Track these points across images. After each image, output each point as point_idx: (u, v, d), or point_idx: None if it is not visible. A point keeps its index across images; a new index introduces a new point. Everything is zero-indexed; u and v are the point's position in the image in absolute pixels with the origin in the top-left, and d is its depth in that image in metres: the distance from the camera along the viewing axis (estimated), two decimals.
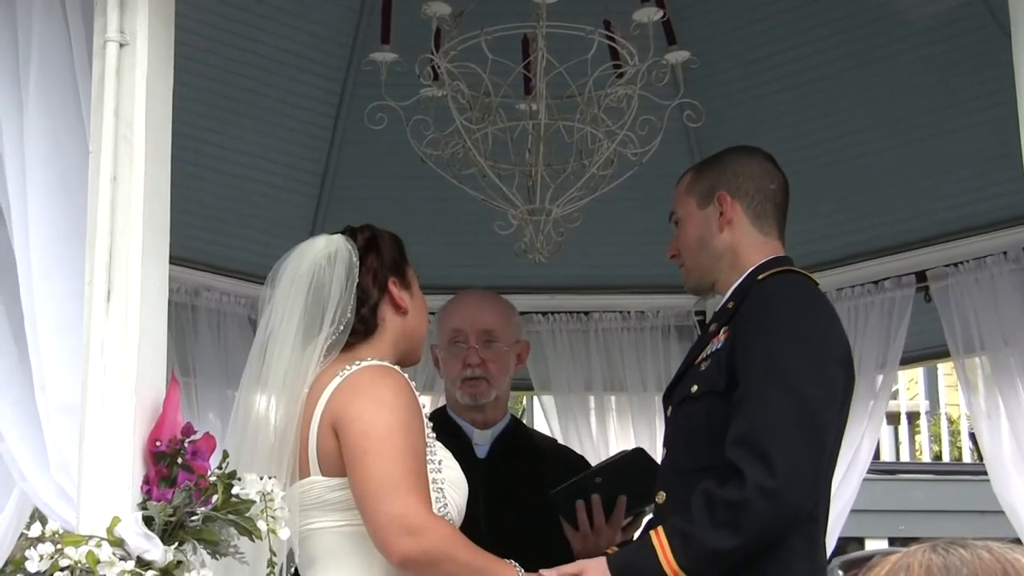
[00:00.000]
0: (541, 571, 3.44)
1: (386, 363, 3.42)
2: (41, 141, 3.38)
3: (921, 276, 5.97)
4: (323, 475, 3.32)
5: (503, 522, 4.12)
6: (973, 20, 5.42)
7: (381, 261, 3.56)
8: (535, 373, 6.32)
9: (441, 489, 3.35)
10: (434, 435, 3.43)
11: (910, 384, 15.70)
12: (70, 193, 3.33)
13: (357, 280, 3.49)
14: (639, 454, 4.26)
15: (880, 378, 6.05)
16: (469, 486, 3.49)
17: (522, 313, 6.05)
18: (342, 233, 3.59)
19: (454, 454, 3.53)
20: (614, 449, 6.32)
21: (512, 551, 3.59)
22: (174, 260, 3.36)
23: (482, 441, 4.56)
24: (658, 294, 6.35)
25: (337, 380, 3.35)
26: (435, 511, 3.27)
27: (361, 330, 3.48)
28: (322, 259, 3.49)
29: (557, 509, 4.18)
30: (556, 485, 4.28)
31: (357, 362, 3.40)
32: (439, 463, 3.39)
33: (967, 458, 14.79)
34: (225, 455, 3.06)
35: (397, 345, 3.55)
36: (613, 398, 6.41)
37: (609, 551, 3.72)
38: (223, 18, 5.49)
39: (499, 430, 4.60)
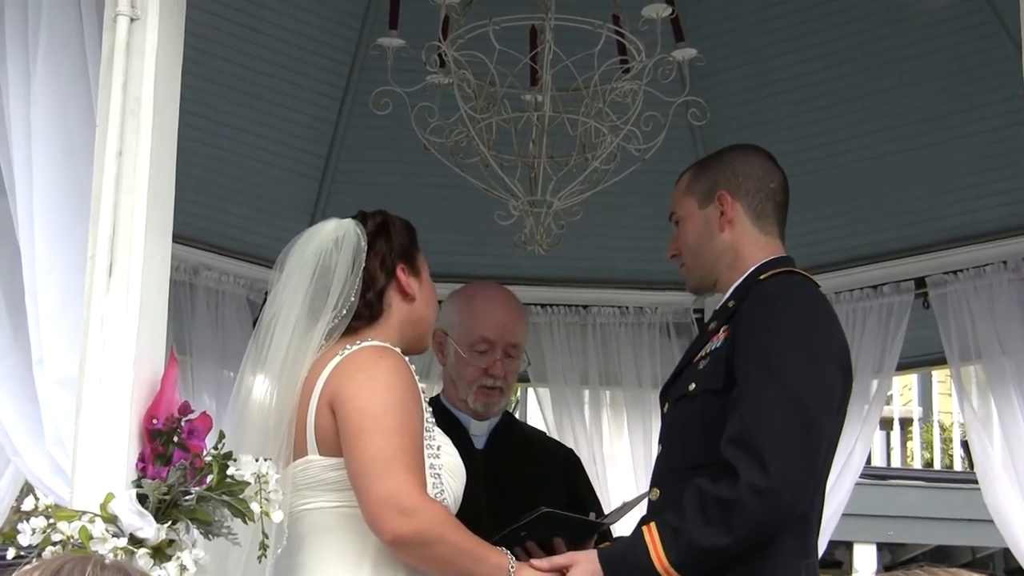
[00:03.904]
0: (532, 560, 3.45)
1: (385, 344, 3.42)
2: (47, 112, 3.38)
3: (920, 282, 5.97)
4: (320, 454, 3.32)
5: (505, 514, 4.10)
6: (982, 28, 5.42)
7: (390, 247, 3.55)
8: (531, 365, 6.31)
9: (439, 475, 3.35)
10: (433, 420, 3.42)
11: (904, 390, 15.71)
12: (75, 166, 3.33)
13: (364, 265, 3.49)
14: (546, 516, 4.18)
15: (875, 383, 6.05)
16: (468, 478, 3.48)
17: None
18: (354, 218, 3.58)
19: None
20: (607, 443, 6.33)
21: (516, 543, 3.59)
22: (175, 238, 3.35)
23: (479, 432, 4.55)
24: (657, 290, 6.35)
25: (336, 359, 3.36)
26: (432, 496, 3.27)
27: (366, 314, 3.48)
28: (329, 242, 3.49)
29: None
30: (550, 476, 4.26)
31: (357, 343, 3.40)
32: (438, 449, 3.38)
33: (958, 466, 14.80)
34: (221, 435, 3.05)
35: (403, 332, 3.54)
36: (608, 392, 6.41)
37: (601, 546, 3.72)
38: None
39: (495, 422, 4.60)
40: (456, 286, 4.84)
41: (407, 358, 3.42)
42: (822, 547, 5.79)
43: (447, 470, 3.39)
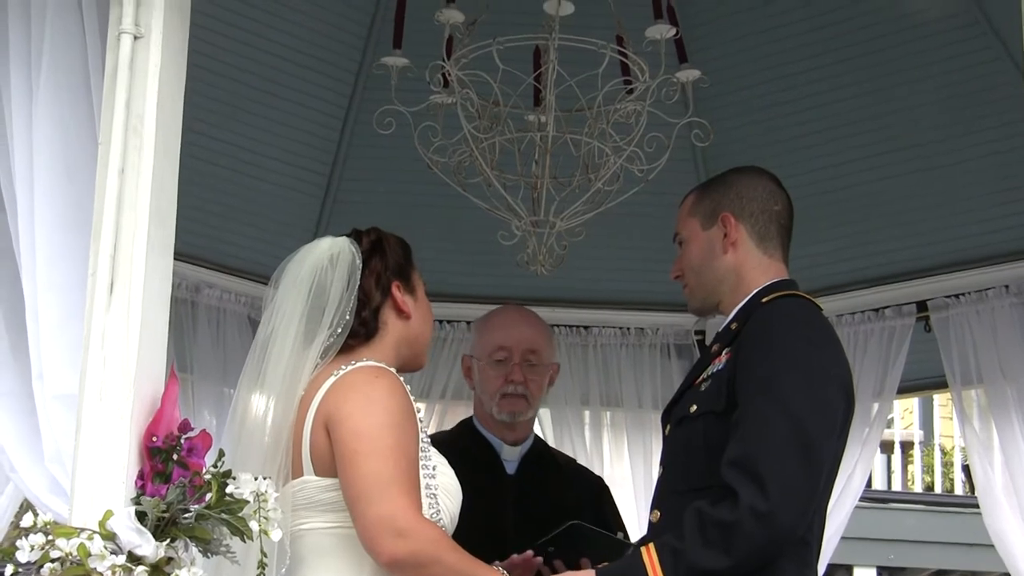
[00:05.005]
0: None
1: (381, 364, 3.41)
2: (50, 129, 3.38)
3: (922, 306, 5.98)
4: (316, 475, 3.31)
5: (533, 539, 4.10)
6: (985, 53, 5.43)
7: (385, 264, 3.55)
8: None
9: (434, 495, 3.34)
10: (429, 439, 3.42)
11: (905, 414, 15.72)
12: (77, 183, 3.32)
13: (359, 283, 3.48)
14: (575, 530, 4.19)
15: (876, 406, 6.05)
16: (498, 502, 3.48)
17: None
18: (348, 236, 3.58)
19: (482, 468, 3.51)
20: (607, 463, 6.33)
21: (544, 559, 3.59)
22: (176, 255, 3.35)
23: (511, 457, 4.56)
24: (658, 312, 6.36)
25: (331, 380, 3.35)
26: (428, 517, 3.26)
27: (362, 333, 3.47)
28: (324, 260, 3.48)
29: None
30: (580, 503, 4.28)
31: (353, 362, 3.39)
32: (433, 469, 3.37)
33: (959, 490, 14.80)
34: (221, 453, 3.05)
35: (399, 349, 3.53)
36: (608, 413, 6.41)
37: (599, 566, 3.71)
38: (237, 15, 5.50)
39: (526, 448, 4.62)
40: (457, 306, 4.87)
41: (402, 377, 3.42)
42: (821, 570, 5.78)
43: (443, 490, 3.38)
